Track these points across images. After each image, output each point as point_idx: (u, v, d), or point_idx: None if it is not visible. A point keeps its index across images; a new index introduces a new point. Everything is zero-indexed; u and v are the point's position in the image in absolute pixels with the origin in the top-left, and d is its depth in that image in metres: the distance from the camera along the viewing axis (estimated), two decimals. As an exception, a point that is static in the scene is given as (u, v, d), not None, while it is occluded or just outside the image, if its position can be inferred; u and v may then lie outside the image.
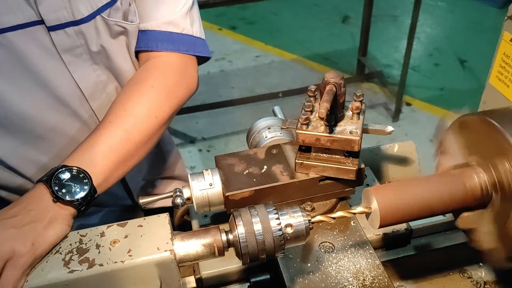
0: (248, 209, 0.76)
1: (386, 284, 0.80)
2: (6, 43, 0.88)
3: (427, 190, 0.78)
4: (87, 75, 1.01)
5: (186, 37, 1.07)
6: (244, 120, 3.32)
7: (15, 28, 0.88)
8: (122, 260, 0.75)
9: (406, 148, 1.10)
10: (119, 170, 0.93)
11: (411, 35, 3.09)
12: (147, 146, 0.99)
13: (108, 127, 0.94)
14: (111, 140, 0.92)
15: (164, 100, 1.01)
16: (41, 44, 0.92)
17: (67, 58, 0.96)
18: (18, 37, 0.89)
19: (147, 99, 0.99)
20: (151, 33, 1.04)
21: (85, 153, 0.89)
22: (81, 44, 0.97)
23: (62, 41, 0.94)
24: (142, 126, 0.97)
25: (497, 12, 4.42)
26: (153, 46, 1.04)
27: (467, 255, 0.94)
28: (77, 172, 0.85)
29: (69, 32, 0.94)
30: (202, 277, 0.88)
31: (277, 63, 4.06)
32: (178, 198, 0.89)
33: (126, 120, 0.95)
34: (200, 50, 1.10)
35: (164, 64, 1.05)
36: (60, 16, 0.91)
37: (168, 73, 1.05)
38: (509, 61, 0.84)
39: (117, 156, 0.92)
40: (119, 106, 0.98)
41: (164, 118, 1.01)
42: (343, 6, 4.70)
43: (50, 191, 0.82)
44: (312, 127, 0.85)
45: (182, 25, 1.05)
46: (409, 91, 3.63)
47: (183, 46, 1.06)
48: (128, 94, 1.00)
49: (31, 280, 0.74)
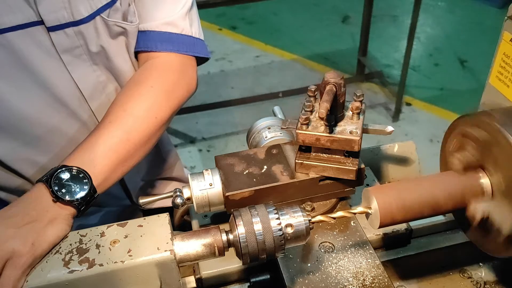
0: (248, 209, 0.75)
1: (386, 284, 0.80)
2: (6, 43, 0.88)
3: (427, 190, 0.78)
4: (86, 75, 1.01)
5: (185, 38, 1.07)
6: (244, 120, 3.32)
7: (15, 29, 0.88)
8: (122, 260, 0.75)
9: (406, 148, 1.10)
10: (118, 170, 0.94)
11: (411, 35, 3.09)
12: (146, 146, 0.99)
13: (108, 127, 0.94)
14: (110, 140, 0.92)
15: (164, 100, 1.01)
16: (40, 44, 0.92)
17: (66, 58, 0.96)
18: (18, 37, 0.89)
19: (146, 99, 0.99)
20: (151, 34, 1.04)
21: (84, 153, 0.89)
22: (80, 44, 0.97)
23: (62, 41, 0.94)
24: (142, 127, 0.97)
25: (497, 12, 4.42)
26: (153, 46, 1.05)
27: (467, 255, 0.94)
28: (77, 172, 0.85)
29: (68, 32, 0.94)
30: (202, 277, 0.88)
31: (277, 63, 4.06)
32: (178, 198, 0.89)
33: (125, 120, 0.95)
34: (199, 51, 1.10)
35: (164, 64, 1.05)
36: (60, 16, 0.91)
37: (167, 73, 1.05)
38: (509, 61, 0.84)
39: (116, 156, 0.92)
40: (118, 106, 0.98)
41: (163, 118, 1.01)
42: (343, 6, 4.70)
43: (50, 191, 0.81)
44: (312, 127, 0.85)
45: (181, 26, 1.06)
46: (409, 91, 3.63)
47: (182, 46, 1.06)
48: (128, 94, 1.00)
49: (31, 280, 0.74)
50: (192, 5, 1.08)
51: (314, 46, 4.18)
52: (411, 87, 3.66)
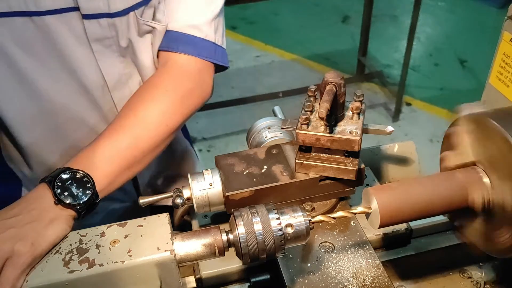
0: (249, 209, 0.75)
1: (386, 284, 0.80)
2: (43, 26, 0.92)
3: (427, 190, 0.78)
4: (113, 66, 1.03)
5: (207, 43, 1.06)
6: (244, 120, 3.31)
7: (53, 12, 0.91)
8: (122, 260, 0.75)
9: (406, 148, 1.10)
10: (123, 176, 0.93)
11: (411, 35, 3.10)
12: (154, 153, 0.99)
13: (117, 130, 0.94)
14: (118, 146, 0.92)
15: (177, 107, 1.01)
16: (74, 31, 0.95)
17: (96, 47, 0.99)
18: (54, 21, 0.92)
19: (159, 105, 0.99)
20: (174, 34, 1.04)
21: (91, 157, 0.89)
22: (111, 36, 0.99)
23: (94, 30, 0.96)
24: (151, 134, 0.97)
25: (497, 12, 4.42)
26: (174, 47, 1.04)
27: (467, 255, 0.94)
28: (81, 176, 0.85)
29: (102, 22, 0.96)
30: (202, 277, 0.89)
31: (277, 63, 4.06)
32: (178, 198, 0.89)
33: (136, 126, 0.95)
34: (219, 59, 1.09)
35: (182, 68, 1.05)
36: (96, 6, 0.94)
37: (184, 79, 1.04)
38: (509, 61, 0.84)
39: (122, 162, 0.92)
40: (131, 109, 0.98)
41: (174, 126, 1.00)
42: (343, 6, 4.70)
43: (52, 192, 0.82)
44: (312, 127, 0.85)
45: (205, 31, 1.05)
46: (409, 91, 3.63)
47: (203, 51, 1.05)
48: (142, 96, 1.00)
49: (31, 280, 0.74)
50: (220, 12, 1.08)
51: (314, 46, 4.18)
52: (411, 87, 3.66)
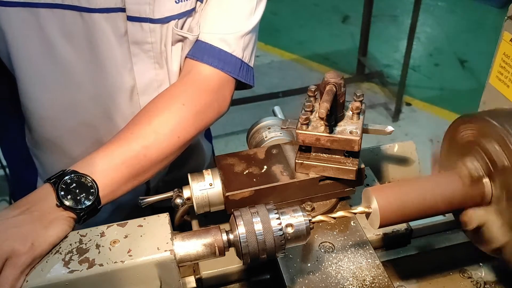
0: (249, 209, 0.75)
1: (386, 284, 0.80)
2: (89, 22, 0.94)
3: (427, 190, 0.78)
4: (147, 70, 1.04)
5: (233, 58, 1.05)
6: (244, 120, 3.31)
7: (102, 11, 0.93)
8: (122, 260, 0.75)
9: (406, 148, 1.10)
10: (128, 184, 0.92)
11: (411, 35, 3.10)
12: (162, 164, 0.97)
13: (128, 138, 0.93)
14: (127, 154, 0.91)
15: (192, 120, 1.00)
16: (116, 30, 0.96)
17: (134, 50, 1.00)
18: (101, 19, 0.94)
19: (174, 117, 0.98)
20: (202, 44, 1.04)
21: (98, 162, 0.88)
22: (151, 42, 1.00)
23: (136, 33, 0.98)
24: (162, 144, 0.95)
25: (497, 12, 4.43)
26: (199, 57, 1.04)
27: (467, 255, 0.94)
28: (86, 181, 0.84)
29: (144, 27, 0.97)
30: (202, 277, 0.89)
31: (277, 63, 4.06)
32: (178, 198, 0.89)
33: (147, 135, 0.94)
34: (242, 75, 1.08)
35: (203, 80, 1.04)
36: (141, 9, 0.95)
37: (203, 92, 1.03)
38: (509, 61, 0.84)
39: (129, 170, 0.90)
40: (145, 118, 0.97)
41: (187, 139, 0.99)
42: (343, 6, 4.70)
43: (55, 194, 0.81)
44: (312, 127, 0.85)
45: (233, 46, 1.04)
46: (409, 91, 3.63)
47: (227, 66, 1.05)
48: (158, 106, 0.99)
49: (31, 280, 0.74)
50: (252, 30, 1.07)
51: (314, 46, 4.18)
52: (411, 87, 3.66)
